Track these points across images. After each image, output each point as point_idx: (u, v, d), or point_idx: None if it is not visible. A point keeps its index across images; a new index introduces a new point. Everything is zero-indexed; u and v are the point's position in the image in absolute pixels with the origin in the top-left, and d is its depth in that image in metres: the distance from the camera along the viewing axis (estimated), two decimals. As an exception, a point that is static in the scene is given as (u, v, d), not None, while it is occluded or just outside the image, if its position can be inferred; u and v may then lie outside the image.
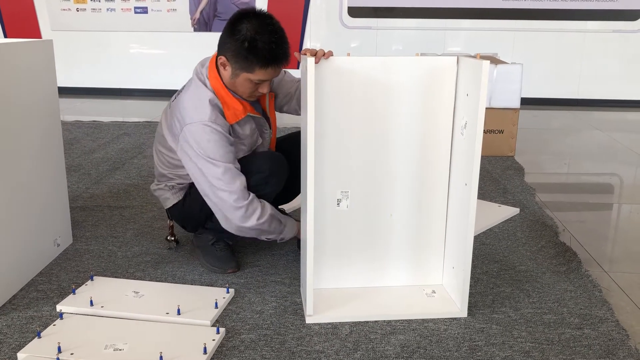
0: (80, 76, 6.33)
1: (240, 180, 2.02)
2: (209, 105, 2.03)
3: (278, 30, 1.96)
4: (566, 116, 5.62)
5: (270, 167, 2.11)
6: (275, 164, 2.13)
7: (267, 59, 1.94)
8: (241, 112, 2.07)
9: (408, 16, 6.02)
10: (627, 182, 3.64)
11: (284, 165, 2.17)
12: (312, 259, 1.83)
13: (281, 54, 1.96)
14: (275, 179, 2.12)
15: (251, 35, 1.93)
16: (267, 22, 1.96)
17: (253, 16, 1.96)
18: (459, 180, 1.88)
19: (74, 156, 3.85)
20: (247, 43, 1.93)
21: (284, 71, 2.30)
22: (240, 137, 2.12)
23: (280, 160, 2.17)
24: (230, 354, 1.70)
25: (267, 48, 1.93)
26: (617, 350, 1.73)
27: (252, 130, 2.16)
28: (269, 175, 2.09)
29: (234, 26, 1.97)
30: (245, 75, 1.99)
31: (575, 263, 2.29)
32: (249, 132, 2.14)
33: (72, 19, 6.22)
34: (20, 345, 1.73)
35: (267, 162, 2.12)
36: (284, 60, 1.98)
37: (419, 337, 1.79)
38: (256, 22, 1.94)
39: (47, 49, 2.28)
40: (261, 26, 1.94)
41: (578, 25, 5.92)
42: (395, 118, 1.91)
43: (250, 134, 2.15)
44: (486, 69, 1.68)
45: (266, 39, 1.93)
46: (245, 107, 2.10)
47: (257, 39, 1.93)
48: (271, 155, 2.19)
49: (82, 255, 2.35)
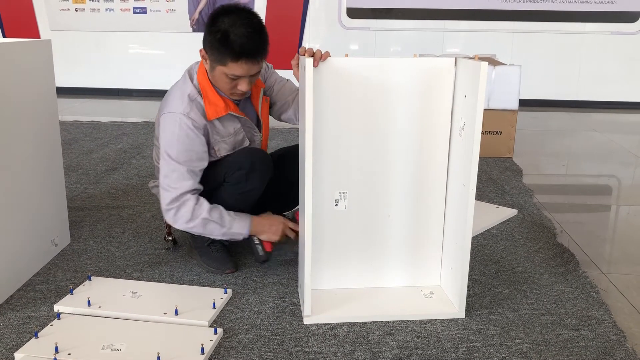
0: (78, 76, 6.32)
1: (186, 184, 2.04)
2: (187, 99, 2.05)
3: (254, 24, 1.95)
4: (564, 118, 5.62)
5: (251, 163, 2.10)
6: (256, 161, 2.12)
7: (237, 52, 1.92)
8: (222, 109, 2.07)
9: (407, 17, 6.02)
10: (625, 184, 3.64)
11: (266, 162, 2.16)
12: (309, 259, 1.83)
13: (253, 48, 1.93)
14: (255, 175, 2.11)
15: (225, 28, 1.92)
16: (244, 16, 1.95)
17: (233, 11, 1.96)
18: (457, 181, 1.88)
19: (72, 156, 3.85)
20: (219, 34, 1.93)
21: (286, 79, 2.31)
22: (222, 134, 2.11)
23: (262, 156, 2.16)
24: (228, 355, 1.70)
25: (239, 41, 1.91)
26: (614, 351, 1.73)
27: (237, 130, 2.14)
28: (249, 171, 2.09)
29: (213, 20, 1.97)
30: (220, 69, 1.99)
31: (573, 264, 2.29)
32: (232, 130, 2.13)
33: (70, 19, 6.22)
34: (17, 345, 1.72)
35: (248, 158, 2.11)
36: (256, 55, 1.95)
37: (417, 338, 1.79)
38: (234, 17, 1.94)
39: (46, 48, 2.28)
40: (237, 19, 1.93)
41: (577, 27, 5.93)
42: (393, 119, 1.91)
43: (234, 133, 2.14)
44: (485, 70, 1.68)
45: (239, 31, 1.91)
46: (228, 105, 2.09)
47: (230, 31, 1.92)
48: (253, 152, 2.16)
49: (80, 256, 2.35)
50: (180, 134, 2.03)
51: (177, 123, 2.03)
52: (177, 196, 2.05)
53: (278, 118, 2.33)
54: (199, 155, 2.07)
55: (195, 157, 2.06)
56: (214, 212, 2.08)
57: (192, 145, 2.05)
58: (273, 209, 2.52)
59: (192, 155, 2.05)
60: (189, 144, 2.04)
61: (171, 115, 2.05)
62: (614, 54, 5.96)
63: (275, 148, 4.04)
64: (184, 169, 2.04)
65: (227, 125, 2.12)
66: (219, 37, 1.93)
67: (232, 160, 2.12)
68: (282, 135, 4.54)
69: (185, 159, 2.04)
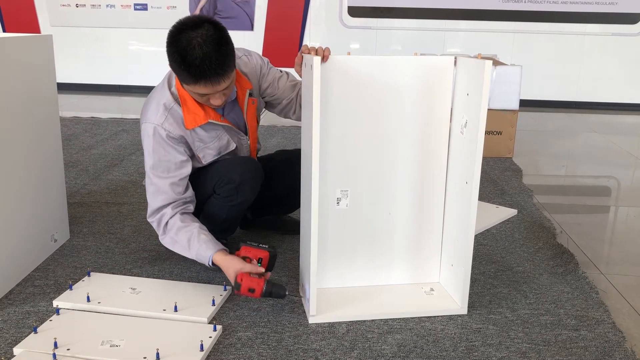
0: (79, 72, 6.32)
1: (161, 198, 2.03)
2: (162, 108, 2.00)
3: (212, 42, 1.81)
4: (564, 118, 5.63)
5: (240, 176, 2.07)
6: (245, 173, 2.09)
7: (195, 75, 1.83)
8: (202, 117, 2.01)
9: (408, 16, 6.02)
10: (624, 185, 3.64)
11: (257, 172, 2.14)
12: (315, 259, 1.82)
13: (211, 70, 1.81)
14: (245, 187, 2.09)
15: (181, 49, 1.81)
16: (201, 33, 1.81)
17: (190, 27, 1.83)
18: (460, 178, 1.88)
19: (72, 152, 3.84)
20: (177, 56, 1.83)
21: (283, 73, 2.23)
22: (205, 141, 2.07)
23: (252, 167, 2.13)
24: (227, 351, 1.70)
25: (196, 64, 1.80)
26: (613, 352, 1.74)
27: (219, 134, 2.09)
28: (238, 184, 2.07)
29: (170, 38, 1.85)
30: (187, 87, 1.92)
31: (573, 265, 2.29)
32: (215, 135, 2.08)
33: (71, 15, 6.21)
34: (16, 340, 1.72)
35: (238, 171, 2.08)
36: (215, 75, 1.83)
37: (416, 337, 1.79)
38: (190, 35, 1.81)
39: (47, 44, 2.27)
40: (193, 39, 1.80)
41: (577, 28, 5.93)
42: (394, 117, 1.91)
43: (217, 137, 2.09)
44: (489, 69, 1.69)
45: (195, 53, 1.79)
46: (208, 113, 2.02)
47: (187, 53, 1.80)
48: (241, 163, 2.13)
49: (79, 251, 2.35)
50: (155, 145, 2.00)
51: (151, 134, 2.00)
52: (154, 211, 2.05)
53: (285, 116, 2.28)
54: (178, 164, 2.03)
55: (174, 167, 2.03)
56: (182, 234, 2.00)
57: (168, 156, 2.02)
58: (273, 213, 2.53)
59: (170, 166, 2.02)
60: (164, 155, 2.01)
61: (146, 125, 2.03)
62: (615, 56, 5.96)
63: (275, 146, 4.09)
64: (160, 182, 2.02)
65: (210, 131, 2.07)
66: (176, 59, 1.83)
67: (221, 172, 2.08)
68: (282, 133, 4.53)
69: (163, 169, 2.02)
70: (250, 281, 1.83)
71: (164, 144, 2.01)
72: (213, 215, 2.15)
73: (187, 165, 2.05)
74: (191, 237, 1.98)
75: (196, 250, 1.97)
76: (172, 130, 2.00)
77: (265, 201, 2.34)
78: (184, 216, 2.03)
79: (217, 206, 2.12)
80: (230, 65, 1.87)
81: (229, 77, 1.88)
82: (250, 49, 2.26)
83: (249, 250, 1.94)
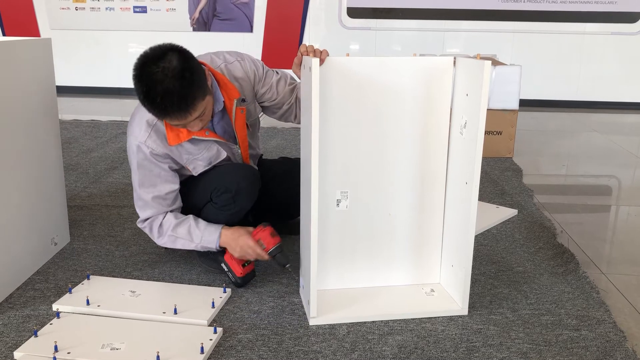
0: (78, 75, 6.32)
1: (148, 212, 2.05)
2: (145, 124, 1.97)
3: (174, 77, 1.75)
4: (565, 118, 5.62)
5: (237, 185, 2.06)
6: (243, 181, 2.07)
7: (159, 112, 1.81)
8: (185, 134, 1.97)
9: (407, 17, 6.02)
10: (625, 184, 3.64)
11: (254, 181, 2.12)
12: (315, 261, 1.82)
13: (173, 107, 1.77)
14: (243, 196, 2.08)
15: (145, 84, 1.77)
16: (163, 67, 1.75)
17: (153, 60, 1.77)
18: (460, 179, 1.88)
19: (72, 155, 3.84)
20: (140, 93, 1.79)
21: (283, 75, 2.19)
22: (192, 153, 2.05)
23: (249, 175, 2.11)
24: (228, 354, 1.70)
25: (157, 101, 1.77)
26: (614, 351, 1.73)
27: (208, 145, 2.06)
28: (235, 194, 2.06)
29: (135, 71, 1.80)
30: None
31: (573, 264, 2.29)
32: (203, 146, 2.05)
33: (70, 17, 6.21)
34: (16, 344, 1.72)
35: (235, 179, 2.07)
36: (179, 112, 1.79)
37: (417, 338, 1.79)
38: (153, 69, 1.75)
39: (46, 47, 2.27)
40: (156, 74, 1.75)
41: (577, 27, 5.93)
42: (393, 118, 1.91)
43: (206, 148, 2.06)
44: (488, 69, 1.69)
45: (157, 90, 1.75)
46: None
47: (150, 90, 1.76)
48: (238, 171, 2.10)
49: (80, 254, 2.34)
50: (140, 162, 2.00)
51: (135, 151, 1.99)
52: (143, 219, 2.09)
53: (285, 121, 2.25)
54: (164, 178, 2.03)
55: (160, 181, 2.02)
56: (181, 228, 2.04)
57: (153, 172, 2.01)
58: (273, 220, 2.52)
59: (156, 181, 2.02)
60: (149, 171, 2.01)
61: (130, 141, 2.01)
62: (614, 55, 5.96)
63: (275, 147, 4.09)
64: (147, 197, 2.03)
65: (197, 143, 2.03)
66: (140, 96, 1.80)
67: (218, 180, 2.06)
68: (282, 135, 4.53)
69: (148, 185, 2.02)
70: (266, 234, 1.98)
71: (148, 162, 2.00)
72: (211, 222, 2.14)
73: (173, 180, 2.05)
74: (190, 228, 2.03)
75: (200, 238, 2.01)
76: (155, 147, 1.98)
77: (265, 207, 2.34)
78: (175, 213, 2.08)
79: (214, 213, 2.11)
80: (197, 96, 1.80)
81: (197, 107, 1.83)
82: (250, 50, 2.26)
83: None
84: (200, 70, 1.85)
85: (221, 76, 2.02)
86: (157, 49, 1.82)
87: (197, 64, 1.85)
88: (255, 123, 2.28)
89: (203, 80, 1.85)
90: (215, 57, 2.10)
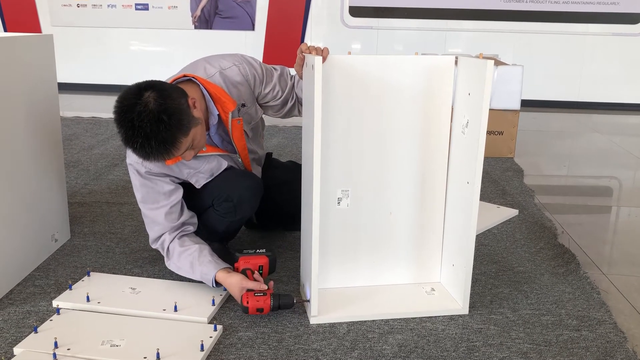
0: (80, 72, 6.32)
1: (157, 228, 2.03)
2: None
3: (151, 121, 1.71)
4: (566, 118, 5.62)
5: (239, 195, 2.05)
6: (245, 192, 2.07)
7: (141, 156, 1.81)
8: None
9: (409, 16, 6.02)
10: (626, 185, 3.64)
11: (256, 190, 2.11)
12: (316, 259, 1.82)
13: (153, 152, 1.76)
14: (244, 206, 2.08)
15: (123, 131, 1.76)
16: (139, 111, 1.72)
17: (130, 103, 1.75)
18: (461, 178, 1.88)
19: (73, 152, 3.84)
20: (122, 140, 1.78)
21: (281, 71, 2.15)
22: (193, 167, 2.04)
23: (252, 185, 2.10)
24: (228, 351, 1.70)
25: (136, 147, 1.75)
26: (614, 352, 1.73)
27: (208, 157, 2.05)
28: (237, 203, 2.06)
29: (116, 114, 1.79)
30: None
31: (574, 265, 2.29)
32: (203, 160, 2.05)
33: (72, 14, 6.21)
34: (16, 340, 1.72)
35: (237, 188, 2.06)
36: (159, 156, 1.79)
37: (417, 337, 1.79)
38: (130, 116, 1.73)
39: (48, 43, 2.27)
40: (132, 121, 1.72)
41: (579, 28, 5.93)
42: (394, 116, 1.91)
43: (207, 161, 2.05)
44: (490, 68, 1.69)
45: (135, 138, 1.73)
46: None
47: (128, 137, 1.75)
48: (240, 179, 2.09)
49: (80, 251, 2.34)
50: (140, 180, 2.00)
51: (134, 172, 2.00)
52: (154, 240, 2.06)
53: (289, 116, 2.23)
54: (166, 194, 2.01)
55: (162, 197, 2.01)
56: (184, 258, 1.98)
57: (155, 189, 2.00)
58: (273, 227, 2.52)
59: (158, 197, 2.01)
60: (151, 188, 2.01)
61: (128, 161, 2.01)
62: (616, 56, 5.96)
63: (276, 146, 4.09)
64: (152, 213, 2.02)
65: (197, 157, 2.02)
66: (123, 142, 1.78)
67: (219, 188, 2.05)
68: (284, 133, 4.53)
69: (152, 201, 2.02)
70: (256, 301, 1.82)
71: (147, 180, 2.00)
72: (211, 227, 2.14)
73: (176, 192, 2.03)
74: (193, 261, 1.97)
75: (200, 273, 1.96)
76: (152, 167, 1.98)
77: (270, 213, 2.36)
78: (182, 239, 2.02)
79: (215, 219, 2.11)
80: (177, 136, 1.76)
81: (180, 146, 1.79)
82: (251, 48, 2.25)
83: (248, 260, 1.93)
84: (180, 109, 1.78)
85: (215, 89, 1.96)
86: (133, 89, 1.78)
87: (175, 102, 1.77)
88: (257, 126, 2.24)
89: (184, 117, 1.78)
90: (209, 66, 2.03)
